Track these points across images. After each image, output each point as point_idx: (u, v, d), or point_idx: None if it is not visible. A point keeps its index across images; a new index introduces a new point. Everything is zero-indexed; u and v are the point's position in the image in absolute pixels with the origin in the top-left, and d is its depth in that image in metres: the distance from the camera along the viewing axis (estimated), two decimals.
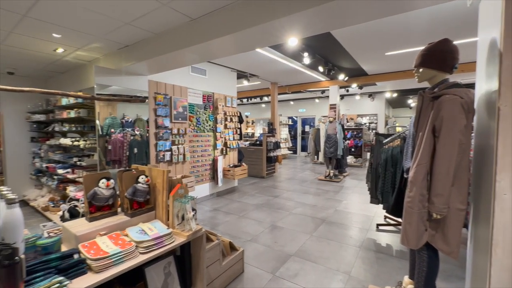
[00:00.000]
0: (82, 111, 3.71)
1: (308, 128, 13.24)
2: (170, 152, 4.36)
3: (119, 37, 3.19)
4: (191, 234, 1.74)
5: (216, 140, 5.41)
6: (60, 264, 1.31)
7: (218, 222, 3.91)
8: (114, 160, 3.67)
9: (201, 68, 5.07)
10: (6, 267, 1.05)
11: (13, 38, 3.19)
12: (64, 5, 2.38)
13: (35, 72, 4.99)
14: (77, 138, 4.11)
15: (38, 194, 5.16)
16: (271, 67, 6.14)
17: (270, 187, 6.23)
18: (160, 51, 3.13)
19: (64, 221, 2.12)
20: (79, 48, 3.59)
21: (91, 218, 1.68)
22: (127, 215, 1.80)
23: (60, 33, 3.04)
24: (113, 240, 1.55)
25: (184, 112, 4.65)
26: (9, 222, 1.21)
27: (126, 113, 3.92)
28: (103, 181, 1.74)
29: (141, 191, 1.82)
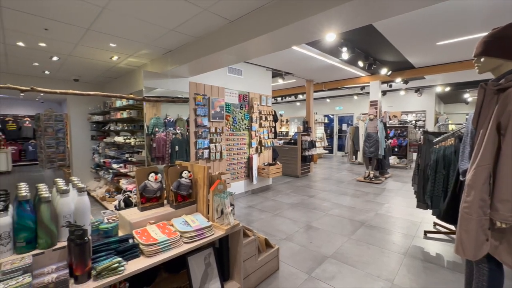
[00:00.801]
0: (133, 111, 4.11)
1: (345, 126, 12.66)
2: (208, 150, 4.58)
3: (164, 43, 3.45)
4: (229, 228, 1.82)
5: (251, 138, 5.51)
6: (119, 247, 1.48)
7: (253, 219, 3.98)
8: (158, 157, 3.98)
9: (237, 69, 5.20)
10: (78, 245, 1.24)
11: (79, 49, 3.68)
12: (120, 17, 2.66)
13: (94, 79, 5.68)
14: (128, 137, 4.57)
15: (97, 185, 5.87)
16: (307, 64, 6.02)
17: (305, 187, 6.12)
18: (200, 54, 3.30)
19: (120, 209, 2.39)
20: (131, 55, 3.97)
21: (142, 208, 1.87)
22: (172, 207, 1.95)
23: (116, 43, 3.41)
24: (161, 228, 1.70)
25: (221, 112, 4.83)
26: (79, 207, 1.41)
27: (168, 114, 4.24)
28: (152, 175, 1.91)
29: (184, 185, 1.95)
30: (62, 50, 3.72)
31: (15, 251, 1.23)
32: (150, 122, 3.92)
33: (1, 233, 1.18)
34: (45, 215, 1.28)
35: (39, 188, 1.38)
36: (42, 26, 2.84)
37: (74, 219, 1.39)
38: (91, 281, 1.25)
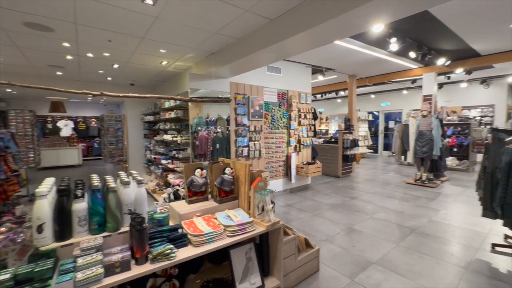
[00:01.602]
0: (180, 112, 4.43)
1: (392, 124, 11.65)
2: (247, 148, 4.69)
3: (208, 46, 3.63)
4: (270, 225, 1.85)
5: (289, 137, 5.46)
6: (170, 235, 1.62)
7: (292, 218, 3.95)
8: (200, 154, 4.22)
9: (276, 67, 5.20)
10: (138, 231, 1.40)
11: (135, 57, 4.11)
12: (170, 25, 2.89)
13: (147, 82, 6.27)
14: (175, 135, 4.94)
15: (148, 179, 6.49)
16: (350, 58, 5.70)
17: (347, 188, 5.84)
18: (241, 54, 3.39)
19: (169, 201, 2.61)
20: (178, 59, 4.28)
21: (189, 201, 2.02)
22: (216, 201, 2.06)
23: (166, 49, 3.71)
24: (206, 221, 1.81)
25: (260, 110, 4.90)
26: (138, 197, 1.59)
27: (210, 113, 4.45)
28: (198, 171, 2.04)
29: (227, 181, 2.04)
30: (121, 58, 4.20)
31: (89, 232, 1.44)
32: (193, 121, 4.17)
33: (80, 216, 1.40)
34: (112, 203, 1.48)
35: (107, 179, 1.59)
36: (106, 38, 3.24)
37: (134, 207, 1.57)
38: (148, 263, 1.40)
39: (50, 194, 1.36)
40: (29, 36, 3.15)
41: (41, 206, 1.29)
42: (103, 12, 2.54)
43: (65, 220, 1.36)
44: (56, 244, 1.33)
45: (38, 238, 1.28)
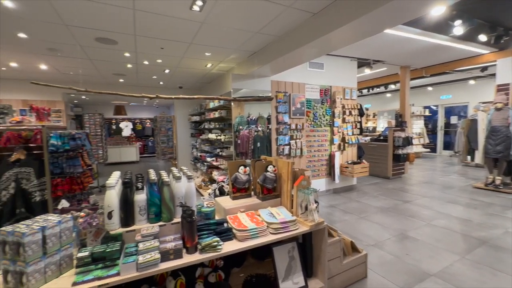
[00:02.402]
0: (223, 111, 4.63)
1: (455, 119, 10.21)
2: (288, 146, 4.65)
3: (249, 46, 3.70)
4: (314, 225, 1.80)
5: (333, 135, 5.23)
6: (216, 228, 1.71)
7: (336, 220, 3.79)
8: (242, 152, 4.34)
9: (318, 63, 5.03)
10: (188, 222, 1.51)
11: (183, 61, 4.43)
12: (215, 28, 3.03)
13: (193, 85, 6.70)
14: (219, 134, 5.18)
15: (195, 175, 6.94)
16: (402, 47, 5.18)
17: (398, 190, 5.34)
18: (282, 52, 3.37)
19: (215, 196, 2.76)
20: (221, 61, 4.47)
21: (233, 197, 2.09)
22: (258, 198, 2.10)
23: (210, 52, 3.91)
24: (249, 217, 1.85)
25: (301, 108, 4.80)
26: (188, 191, 1.71)
27: (251, 112, 4.55)
28: (242, 168, 2.11)
29: (269, 179, 2.06)
30: (171, 64, 4.57)
31: (148, 221, 1.61)
32: (235, 120, 4.32)
33: (140, 205, 1.57)
34: (166, 195, 1.62)
35: (162, 174, 1.75)
36: (159, 46, 3.57)
37: (184, 201, 1.69)
38: (197, 253, 1.50)
39: (117, 185, 1.56)
40: (99, 49, 3.66)
41: (110, 196, 1.49)
42: (157, 22, 2.80)
43: (128, 209, 1.55)
44: (122, 229, 1.52)
45: (108, 223, 1.48)
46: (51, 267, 1.26)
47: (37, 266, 1.20)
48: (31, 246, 1.18)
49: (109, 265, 1.34)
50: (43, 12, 2.50)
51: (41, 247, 1.22)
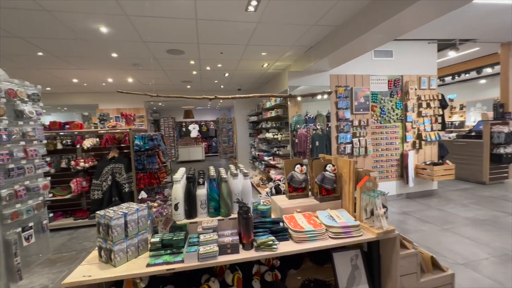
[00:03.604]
0: (279, 110, 4.61)
1: None
2: (350, 144, 4.28)
3: (306, 40, 3.56)
4: (381, 233, 1.58)
5: (405, 131, 4.57)
6: (272, 227, 1.68)
7: (410, 229, 3.28)
8: (299, 152, 4.22)
9: (385, 50, 4.47)
10: (245, 218, 1.53)
11: (241, 64, 4.61)
12: (270, 27, 3.03)
13: (251, 86, 6.92)
14: (276, 133, 5.18)
15: (253, 174, 7.15)
16: (503, 19, 4.10)
17: (498, 198, 4.26)
18: (342, 43, 3.11)
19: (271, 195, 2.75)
20: (277, 59, 4.46)
21: (289, 196, 2.03)
22: (316, 199, 1.98)
23: (266, 51, 3.94)
24: (306, 218, 1.76)
25: (365, 102, 4.35)
26: (244, 188, 1.74)
27: (309, 110, 4.39)
28: (298, 167, 2.03)
29: (328, 179, 1.92)
30: (230, 67, 4.81)
31: (208, 215, 1.71)
32: (293, 119, 4.23)
33: (201, 199, 1.68)
34: (224, 191, 1.69)
35: (220, 171, 1.84)
36: (219, 51, 3.80)
37: (241, 197, 1.73)
38: (253, 250, 1.51)
39: (182, 180, 1.71)
40: (170, 60, 4.14)
41: (176, 189, 1.64)
42: (216, 28, 2.98)
43: (191, 202, 1.68)
44: (186, 220, 1.66)
45: (175, 214, 1.64)
46: (131, 248, 1.47)
47: (121, 246, 1.41)
48: (116, 229, 1.40)
49: (175, 252, 1.48)
50: (127, 33, 2.98)
51: (123, 230, 1.44)
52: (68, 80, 5.21)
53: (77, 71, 4.59)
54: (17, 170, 1.93)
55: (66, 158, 4.27)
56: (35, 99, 2.10)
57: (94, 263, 1.45)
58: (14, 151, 1.89)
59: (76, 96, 6.93)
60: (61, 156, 4.28)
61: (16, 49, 3.33)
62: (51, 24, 2.64)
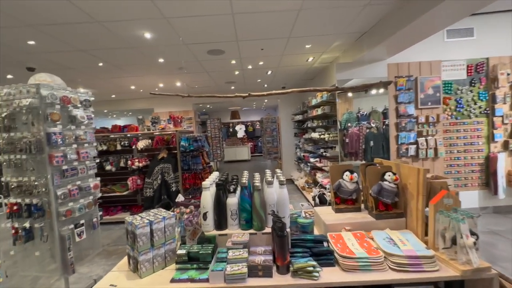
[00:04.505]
0: (326, 107, 4.18)
1: None
2: (415, 145, 3.59)
3: (357, 25, 3.09)
4: (470, 271, 1.14)
5: (492, 128, 3.62)
6: (314, 247, 1.40)
7: (500, 255, 2.53)
8: (350, 152, 3.77)
9: (463, 29, 3.61)
10: (279, 236, 1.28)
11: (283, 60, 4.34)
12: (313, 13, 2.70)
13: (295, 83, 6.57)
14: (322, 132, 4.75)
15: (299, 175, 6.78)
16: None
17: None
18: (403, 23, 2.57)
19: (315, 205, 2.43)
20: (324, 51, 4.04)
21: (336, 209, 1.70)
22: (371, 215, 1.60)
23: (311, 43, 3.59)
24: (358, 239, 1.41)
25: (435, 94, 3.60)
26: (280, 198, 1.49)
27: (361, 107, 3.90)
28: (347, 174, 1.68)
29: (388, 190, 1.52)
30: (272, 64, 4.59)
31: (239, 227, 1.52)
32: (343, 117, 3.81)
33: (232, 209, 1.50)
34: (257, 201, 1.47)
35: (254, 177, 1.63)
36: (259, 47, 3.62)
37: (276, 209, 1.49)
38: (289, 275, 1.25)
39: (211, 187, 1.56)
40: (212, 61, 4.15)
41: (205, 197, 1.50)
42: (254, 21, 2.79)
43: (221, 212, 1.51)
44: (216, 232, 1.50)
45: (204, 224, 1.50)
46: (158, 259, 1.38)
47: (146, 256, 1.33)
48: (142, 238, 1.32)
49: (202, 268, 1.33)
50: (169, 36, 3.04)
51: (149, 239, 1.35)
52: (127, 87, 5.77)
53: (132, 78, 5.02)
54: (71, 171, 2.09)
55: (124, 158, 4.69)
56: (87, 105, 2.26)
57: (124, 270, 1.41)
58: (68, 153, 2.05)
59: (135, 101, 7.70)
60: (120, 156, 4.72)
61: (81, 61, 3.77)
62: (104, 35, 2.86)
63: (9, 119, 1.96)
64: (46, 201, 1.98)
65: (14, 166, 2.00)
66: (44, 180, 1.94)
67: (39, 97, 1.91)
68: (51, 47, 3.14)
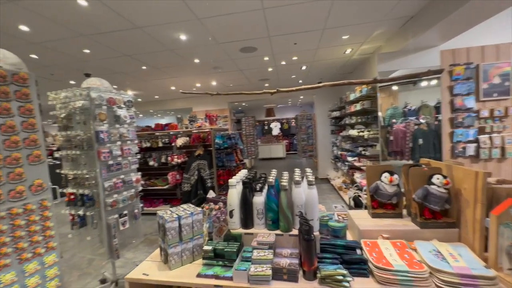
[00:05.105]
0: (366, 102, 3.86)
1: None
2: (475, 143, 3.10)
3: (401, 9, 2.77)
4: None
5: None
6: (345, 254, 1.29)
7: None
8: (395, 151, 3.45)
9: None
10: (305, 240, 1.21)
11: (318, 53, 4.14)
12: (350, 2, 2.49)
13: (332, 77, 6.23)
14: (362, 129, 4.41)
15: (335, 175, 6.45)
16: None
17: None
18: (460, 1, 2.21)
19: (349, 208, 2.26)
20: (363, 42, 3.73)
21: (373, 213, 1.54)
22: (414, 223, 1.41)
23: (348, 33, 3.34)
24: (398, 250, 1.25)
25: (503, 83, 3.05)
26: (308, 199, 1.41)
27: (409, 101, 3.54)
28: (386, 175, 1.50)
29: (435, 196, 1.32)
30: (307, 58, 4.41)
31: (266, 227, 1.48)
32: (386, 113, 3.50)
33: (258, 208, 1.47)
34: (283, 201, 1.41)
35: (282, 176, 1.57)
36: (292, 42, 3.50)
37: (304, 210, 1.41)
38: (316, 282, 1.17)
39: (238, 185, 1.54)
40: (244, 59, 4.16)
41: (231, 194, 1.49)
42: (285, 15, 2.69)
43: (247, 210, 1.49)
44: (242, 230, 1.49)
45: (230, 221, 1.49)
46: (186, 253, 1.42)
47: (175, 250, 1.38)
48: (171, 232, 1.37)
49: (227, 265, 1.33)
50: (202, 37, 3.12)
51: (178, 233, 1.40)
52: (168, 88, 6.16)
53: (172, 79, 5.33)
54: (116, 165, 2.29)
55: (165, 154, 5.02)
56: (129, 105, 2.45)
57: (156, 260, 1.49)
58: (113, 149, 2.25)
59: (176, 101, 8.19)
60: (161, 152, 5.07)
61: (127, 66, 4.13)
62: (144, 39, 3.07)
63: (66, 119, 2.23)
64: (96, 192, 2.21)
65: (71, 161, 2.28)
66: (94, 173, 2.17)
67: (89, 99, 2.13)
68: (102, 54, 3.50)
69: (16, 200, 1.67)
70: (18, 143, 1.68)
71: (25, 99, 1.70)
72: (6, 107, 1.63)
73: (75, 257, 3.25)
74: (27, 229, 1.70)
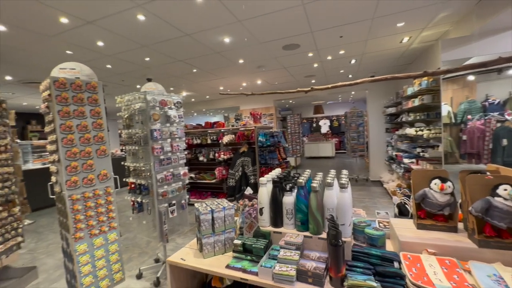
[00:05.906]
0: (426, 97, 3.38)
1: None
2: None
3: None
4: None
5: None
6: (380, 265, 1.19)
7: None
8: (470, 153, 2.99)
9: None
10: (332, 245, 1.15)
11: (369, 45, 3.80)
12: None
13: (388, 70, 5.64)
14: (421, 128, 3.89)
15: (390, 178, 5.85)
16: None
17: None
18: None
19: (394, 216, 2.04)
20: (424, 28, 3.27)
21: (419, 224, 1.37)
22: (472, 240, 1.20)
23: (403, 20, 2.98)
24: (445, 268, 1.09)
25: None
26: (340, 203, 1.33)
27: (491, 94, 2.99)
28: (436, 182, 1.31)
29: (501, 210, 1.09)
30: (356, 51, 4.10)
31: (295, 227, 1.46)
32: (459, 108, 3.06)
33: (287, 208, 1.46)
34: (313, 203, 1.37)
35: (315, 177, 1.52)
36: (338, 35, 3.30)
37: (336, 214, 1.34)
38: None
39: (268, 183, 1.56)
40: (288, 56, 4.12)
41: (261, 193, 1.52)
42: (327, 8, 2.56)
43: (277, 209, 1.50)
44: (271, 228, 1.50)
45: (260, 219, 1.53)
46: (218, 244, 1.52)
47: (208, 240, 1.49)
48: (204, 223, 1.49)
49: (255, 261, 1.37)
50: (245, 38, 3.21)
51: (211, 225, 1.50)
52: (217, 88, 6.54)
53: (220, 80, 5.63)
54: (166, 160, 2.57)
55: (213, 150, 5.36)
56: (178, 106, 2.71)
57: (193, 248, 1.63)
58: (164, 146, 2.53)
59: (225, 100, 8.63)
60: (210, 149, 5.43)
61: (181, 70, 4.54)
62: (193, 45, 3.33)
63: (129, 119, 2.61)
64: (150, 183, 2.52)
65: (132, 155, 2.66)
66: (149, 166, 2.48)
67: (145, 101, 2.44)
68: (160, 61, 3.94)
69: (88, 186, 2.06)
70: (89, 139, 2.06)
71: (95, 103, 2.07)
72: (81, 110, 2.02)
73: (137, 237, 3.79)
74: (96, 210, 2.07)
